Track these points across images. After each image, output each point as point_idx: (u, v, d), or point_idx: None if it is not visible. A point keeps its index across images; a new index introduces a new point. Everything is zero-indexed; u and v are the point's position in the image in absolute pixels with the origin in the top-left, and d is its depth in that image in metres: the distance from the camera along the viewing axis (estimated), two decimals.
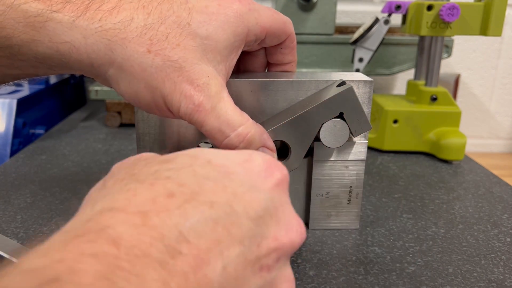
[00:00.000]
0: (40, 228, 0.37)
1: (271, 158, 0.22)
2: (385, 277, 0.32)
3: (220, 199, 0.18)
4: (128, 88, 0.28)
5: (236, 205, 0.18)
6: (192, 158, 0.20)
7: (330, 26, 0.70)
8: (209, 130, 0.28)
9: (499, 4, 0.53)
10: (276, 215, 0.20)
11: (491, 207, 0.44)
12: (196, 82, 0.27)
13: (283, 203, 0.21)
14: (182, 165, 0.19)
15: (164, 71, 0.27)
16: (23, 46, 0.26)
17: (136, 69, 0.27)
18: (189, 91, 0.27)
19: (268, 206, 0.19)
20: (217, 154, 0.21)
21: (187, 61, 0.27)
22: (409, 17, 0.57)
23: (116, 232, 0.15)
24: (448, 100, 0.58)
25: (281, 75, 0.35)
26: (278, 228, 0.20)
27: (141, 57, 0.26)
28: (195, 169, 0.19)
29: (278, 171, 0.21)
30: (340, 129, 0.33)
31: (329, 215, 0.38)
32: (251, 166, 0.21)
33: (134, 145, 0.59)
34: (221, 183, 0.19)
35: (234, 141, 0.28)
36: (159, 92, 0.27)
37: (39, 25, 0.26)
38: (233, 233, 0.17)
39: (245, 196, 0.19)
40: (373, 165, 0.55)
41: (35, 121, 0.67)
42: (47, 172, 0.49)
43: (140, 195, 0.17)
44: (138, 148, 0.36)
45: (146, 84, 0.27)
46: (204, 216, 0.17)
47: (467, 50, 0.91)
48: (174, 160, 0.20)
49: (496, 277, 0.32)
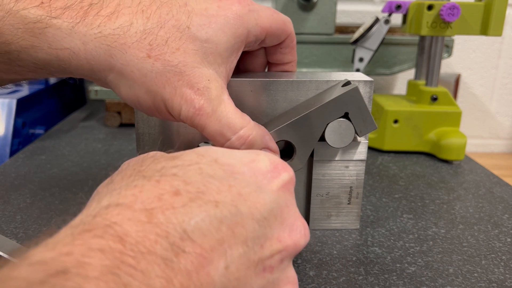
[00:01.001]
0: (40, 228, 0.37)
1: (277, 158, 0.22)
2: (386, 277, 0.32)
3: (225, 198, 0.18)
4: (128, 93, 0.28)
5: (241, 206, 0.18)
6: (199, 156, 0.20)
7: (330, 26, 0.70)
8: (210, 133, 0.28)
9: (499, 4, 0.53)
10: (280, 217, 0.20)
11: (491, 207, 0.44)
12: (197, 86, 0.27)
13: (288, 205, 0.21)
14: (189, 162, 0.20)
15: (164, 75, 0.27)
16: (22, 52, 0.26)
17: (136, 75, 0.27)
18: (190, 95, 0.27)
19: (273, 208, 0.20)
20: (224, 153, 0.21)
21: (187, 65, 0.27)
22: (410, 17, 0.57)
23: (123, 229, 0.16)
24: (448, 100, 0.58)
25: (281, 75, 0.35)
26: (282, 230, 0.20)
27: (141, 62, 0.26)
28: (202, 167, 0.19)
29: (284, 172, 0.21)
30: (345, 129, 0.33)
31: (329, 215, 0.38)
32: (258, 166, 0.21)
33: (134, 145, 0.59)
34: (227, 182, 0.19)
35: (235, 144, 0.28)
36: (160, 97, 0.27)
37: (39, 31, 0.25)
38: (237, 233, 0.18)
39: (250, 197, 0.19)
40: (373, 165, 0.55)
41: (34, 121, 0.67)
42: (46, 172, 0.49)
43: (146, 191, 0.17)
44: (137, 148, 0.36)
45: (146, 89, 0.27)
46: (209, 215, 0.17)
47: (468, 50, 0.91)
48: (180, 157, 0.20)
49: (496, 277, 0.32)
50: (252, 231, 0.18)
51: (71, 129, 0.67)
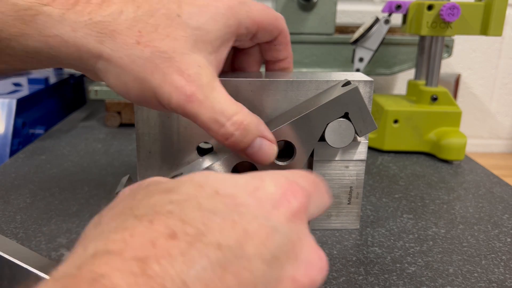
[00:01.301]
0: (40, 228, 0.37)
1: (285, 182, 0.19)
2: (386, 277, 0.32)
3: (229, 239, 0.16)
4: (117, 81, 0.27)
5: (247, 246, 0.16)
6: (198, 187, 0.18)
7: (330, 26, 0.70)
8: (204, 121, 0.27)
9: (499, 4, 0.53)
10: (293, 252, 0.18)
11: (491, 207, 0.44)
12: (187, 72, 0.26)
13: (301, 236, 0.18)
14: (186, 196, 0.17)
15: (153, 62, 0.26)
16: (12, 40, 0.26)
17: (125, 61, 0.26)
18: (180, 81, 0.26)
19: (284, 243, 0.17)
20: (225, 181, 0.19)
21: (176, 51, 0.26)
22: (410, 16, 0.57)
23: (112, 283, 0.13)
24: (448, 100, 0.58)
25: (281, 75, 0.35)
26: (297, 267, 0.17)
27: (130, 48, 0.26)
28: (201, 201, 0.17)
29: (294, 199, 0.19)
30: (346, 129, 0.33)
31: (329, 215, 0.38)
32: (263, 195, 0.18)
33: (134, 145, 0.59)
34: (230, 218, 0.17)
35: (230, 130, 0.27)
36: (148, 84, 0.27)
37: (29, 18, 0.25)
38: (245, 279, 0.15)
39: (258, 234, 0.16)
40: (373, 165, 0.55)
41: (34, 121, 0.67)
42: (46, 172, 0.49)
43: (138, 235, 0.15)
44: (138, 148, 0.36)
45: (135, 76, 0.27)
46: (211, 261, 0.15)
47: (468, 50, 0.91)
48: (177, 190, 0.18)
49: (496, 278, 0.32)
50: (262, 276, 0.16)
51: (71, 129, 0.67)
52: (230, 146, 0.28)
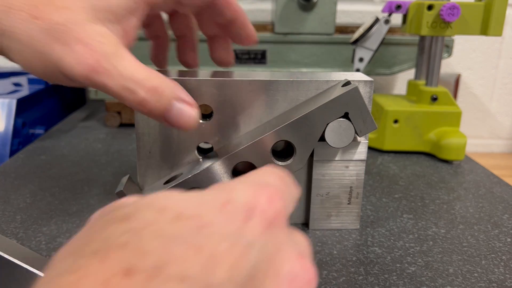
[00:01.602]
0: (40, 228, 0.37)
1: (257, 188, 0.17)
2: (386, 277, 0.32)
3: (194, 268, 0.13)
4: (20, 57, 0.27)
5: (216, 272, 0.14)
6: (157, 212, 0.15)
7: (330, 26, 0.70)
8: (116, 91, 0.26)
9: (499, 4, 0.53)
10: (273, 267, 0.16)
11: (491, 207, 0.44)
12: (90, 42, 0.26)
13: (280, 248, 0.16)
14: (144, 223, 0.15)
15: (52, 35, 0.25)
16: None
17: (24, 37, 0.26)
18: (82, 51, 0.25)
19: (261, 260, 0.15)
20: (188, 201, 0.16)
21: (75, 23, 0.26)
22: (410, 16, 0.57)
23: None
24: (448, 100, 0.58)
25: (281, 75, 0.35)
26: (279, 284, 0.16)
27: (26, 23, 0.26)
28: (161, 227, 0.15)
29: (269, 205, 0.16)
30: (345, 129, 0.33)
31: (329, 215, 0.38)
32: (233, 208, 0.16)
33: (134, 145, 0.59)
34: (194, 243, 0.14)
35: (142, 95, 0.27)
36: (50, 58, 0.26)
37: None
38: None
39: (228, 255, 0.14)
40: (373, 165, 0.55)
41: (34, 121, 0.67)
42: (46, 172, 0.49)
43: (90, 275, 0.13)
44: (138, 148, 0.36)
45: (35, 51, 0.26)
46: None
47: (468, 50, 0.91)
48: (134, 216, 0.15)
49: (496, 278, 0.32)
50: None
51: (71, 129, 0.67)
52: (148, 114, 0.28)
